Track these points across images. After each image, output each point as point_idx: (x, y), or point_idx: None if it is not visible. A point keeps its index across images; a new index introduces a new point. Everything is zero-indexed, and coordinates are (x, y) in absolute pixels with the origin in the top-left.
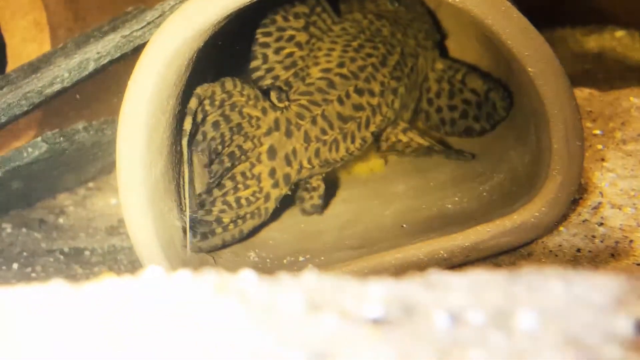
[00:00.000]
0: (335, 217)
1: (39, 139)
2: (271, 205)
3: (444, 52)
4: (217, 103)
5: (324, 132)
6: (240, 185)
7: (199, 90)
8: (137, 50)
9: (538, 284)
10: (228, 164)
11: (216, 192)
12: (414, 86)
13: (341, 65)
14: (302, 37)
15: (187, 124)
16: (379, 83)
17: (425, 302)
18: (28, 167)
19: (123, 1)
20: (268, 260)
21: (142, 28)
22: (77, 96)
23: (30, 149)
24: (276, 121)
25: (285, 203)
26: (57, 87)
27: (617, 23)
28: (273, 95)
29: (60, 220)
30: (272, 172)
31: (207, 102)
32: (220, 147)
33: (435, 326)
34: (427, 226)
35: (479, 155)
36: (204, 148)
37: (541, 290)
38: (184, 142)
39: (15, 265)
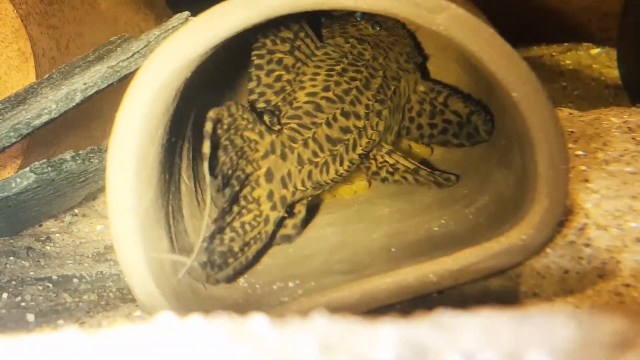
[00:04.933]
0: (322, 241)
1: (28, 169)
2: (270, 228)
3: (425, 75)
4: (225, 127)
5: (315, 154)
6: (244, 210)
7: (211, 113)
8: (124, 79)
9: (547, 324)
10: (237, 188)
11: (227, 218)
12: (396, 109)
13: (326, 89)
14: (289, 60)
15: (206, 148)
16: (364, 106)
17: (437, 345)
18: (16, 197)
19: (105, 30)
20: (258, 286)
21: (128, 58)
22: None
23: (18, 179)
24: (272, 144)
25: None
26: (44, 118)
27: (592, 40)
28: (266, 119)
29: (47, 247)
30: (270, 195)
31: (218, 125)
32: (230, 172)
33: None
34: (415, 250)
35: (463, 178)
36: (217, 173)
37: (551, 330)
38: (205, 166)
39: (5, 295)
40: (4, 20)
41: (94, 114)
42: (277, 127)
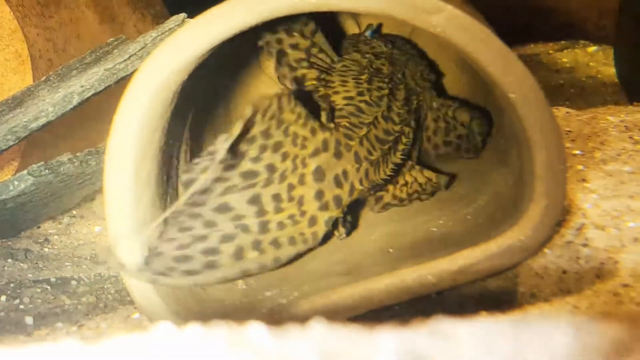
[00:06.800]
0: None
1: (25, 172)
2: (319, 229)
3: (441, 92)
4: (267, 117)
5: (370, 152)
6: (267, 209)
7: (258, 102)
8: (120, 82)
9: (546, 331)
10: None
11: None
12: (417, 123)
13: (361, 94)
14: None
15: (236, 129)
16: (396, 114)
17: (436, 354)
18: (14, 200)
19: (101, 31)
20: (256, 288)
21: (125, 61)
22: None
23: (16, 182)
24: (325, 142)
25: None
26: (42, 121)
27: (589, 38)
28: (324, 115)
29: (46, 249)
30: (319, 195)
31: (259, 113)
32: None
33: None
34: (414, 251)
35: (462, 178)
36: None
37: (550, 338)
38: (226, 145)
39: (3, 298)
40: (1, 23)
41: (90, 116)
42: (332, 125)
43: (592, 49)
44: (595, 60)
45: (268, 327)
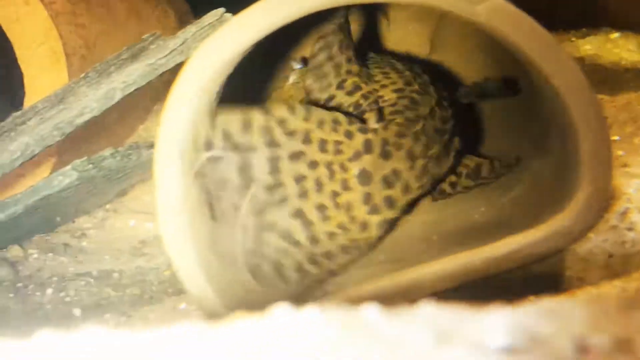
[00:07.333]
0: None
1: (69, 167)
2: (373, 233)
3: None
4: (254, 130)
5: (428, 147)
6: (313, 219)
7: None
8: (161, 77)
9: None
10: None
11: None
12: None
13: (409, 83)
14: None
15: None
16: (444, 98)
17: (547, 330)
18: (57, 195)
19: (129, 27)
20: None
21: (165, 56)
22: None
23: (61, 177)
24: (367, 143)
25: None
26: (86, 116)
27: (611, 25)
28: (373, 117)
29: (84, 243)
30: (368, 198)
31: (236, 130)
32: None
33: (563, 353)
34: (457, 238)
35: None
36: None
37: None
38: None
39: (49, 291)
40: (36, 21)
41: (126, 111)
42: (381, 125)
43: (615, 35)
44: (619, 46)
45: (380, 308)
